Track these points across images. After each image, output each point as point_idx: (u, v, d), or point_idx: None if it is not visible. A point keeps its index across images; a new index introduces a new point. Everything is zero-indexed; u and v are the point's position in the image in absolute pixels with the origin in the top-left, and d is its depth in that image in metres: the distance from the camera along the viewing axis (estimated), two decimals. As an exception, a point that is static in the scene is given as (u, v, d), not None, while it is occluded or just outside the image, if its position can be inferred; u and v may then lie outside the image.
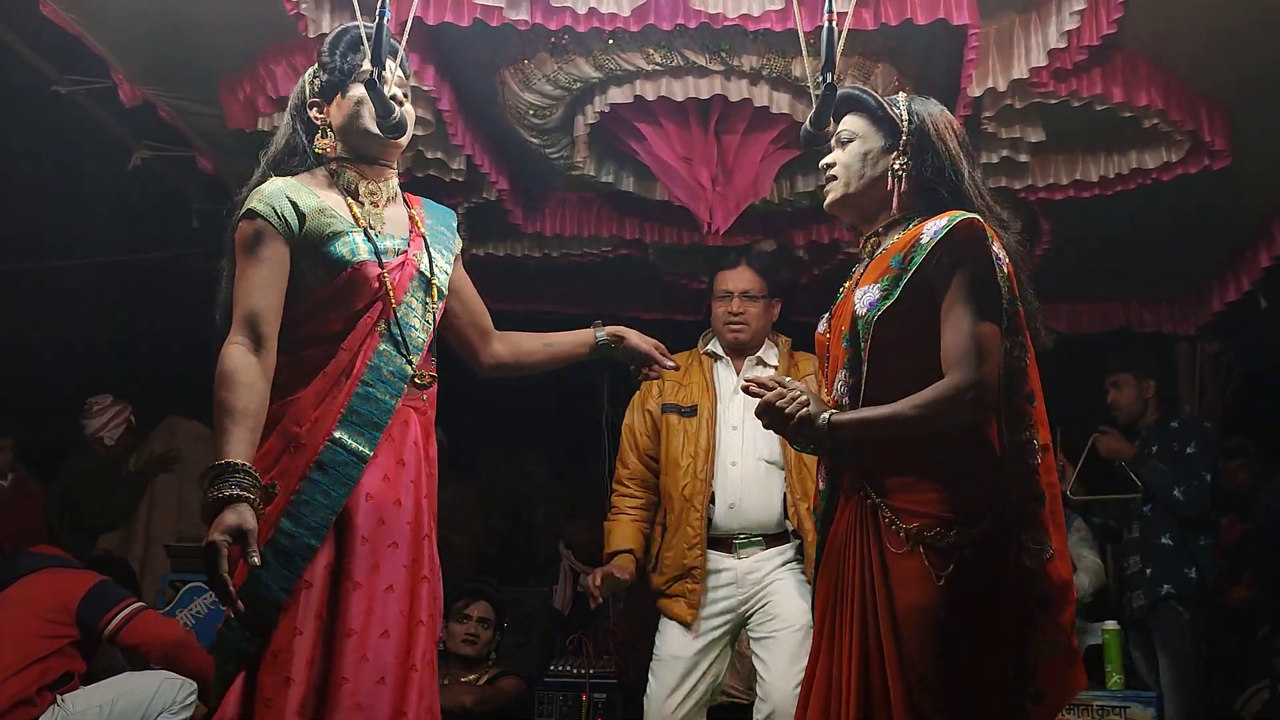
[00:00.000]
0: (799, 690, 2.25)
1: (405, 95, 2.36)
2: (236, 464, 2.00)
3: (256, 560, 1.96)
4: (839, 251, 4.40)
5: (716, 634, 3.29)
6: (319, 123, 2.33)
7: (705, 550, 3.28)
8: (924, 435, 2.05)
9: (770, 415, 2.14)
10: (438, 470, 2.34)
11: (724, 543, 3.31)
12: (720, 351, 3.50)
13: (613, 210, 4.43)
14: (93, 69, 3.68)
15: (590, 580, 3.29)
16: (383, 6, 2.10)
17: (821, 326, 2.31)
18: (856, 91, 2.30)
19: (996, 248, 2.09)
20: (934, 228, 2.08)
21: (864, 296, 2.10)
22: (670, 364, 2.60)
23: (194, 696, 3.42)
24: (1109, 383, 4.50)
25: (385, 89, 2.21)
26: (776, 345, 3.51)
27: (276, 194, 2.21)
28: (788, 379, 2.18)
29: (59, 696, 3.22)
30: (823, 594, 2.18)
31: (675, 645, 3.29)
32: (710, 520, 3.30)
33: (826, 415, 2.09)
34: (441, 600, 2.28)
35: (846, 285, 2.26)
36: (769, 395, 2.14)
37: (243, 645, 2.07)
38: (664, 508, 3.40)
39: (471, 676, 4.19)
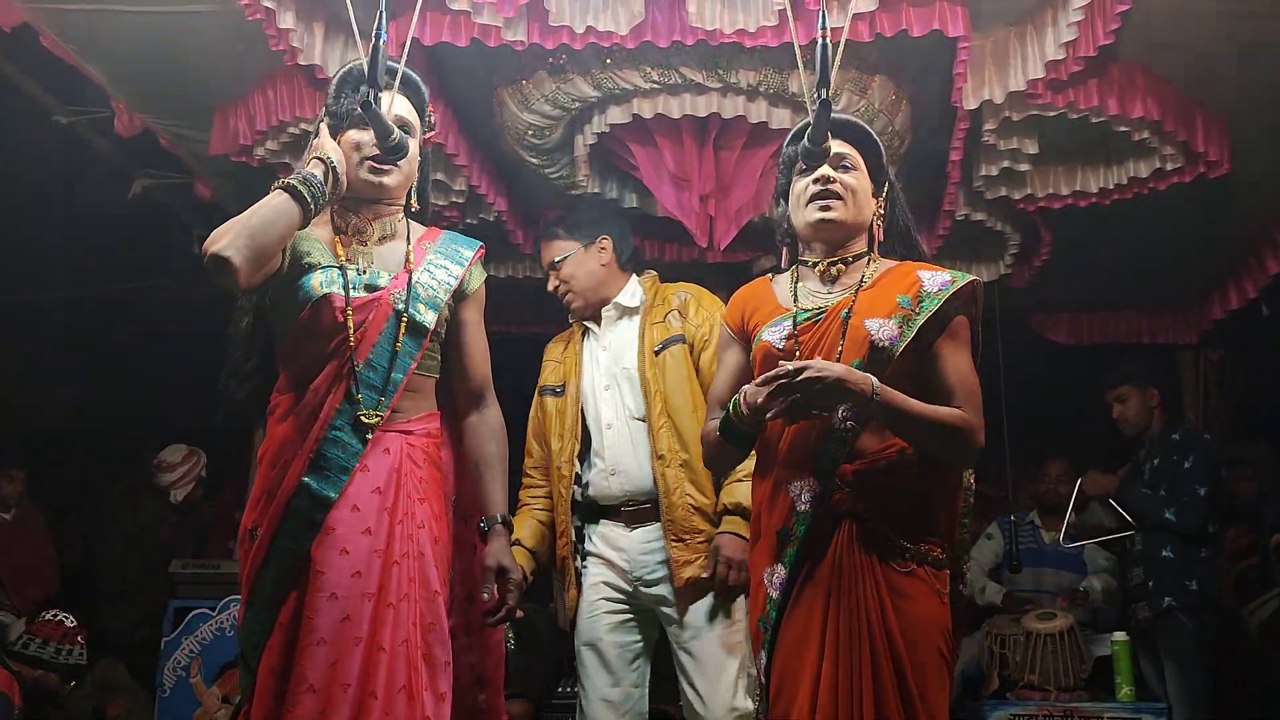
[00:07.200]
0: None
1: (407, 131, 2.29)
2: None
3: None
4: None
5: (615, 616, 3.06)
6: None
7: (572, 539, 3.07)
8: (925, 448, 2.12)
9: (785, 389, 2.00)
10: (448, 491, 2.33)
11: (614, 511, 3.06)
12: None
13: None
14: (92, 99, 3.70)
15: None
16: (379, 28, 2.09)
17: (778, 341, 2.22)
18: (862, 127, 2.34)
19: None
20: (939, 280, 2.17)
21: (881, 330, 2.12)
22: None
23: None
24: (1111, 398, 4.46)
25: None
26: (637, 284, 3.20)
27: None
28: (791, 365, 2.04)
29: None
30: (809, 615, 2.12)
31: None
32: (578, 498, 3.08)
33: (874, 381, 2.02)
34: (442, 626, 2.19)
35: (826, 308, 2.21)
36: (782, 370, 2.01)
37: (249, 679, 2.12)
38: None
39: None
